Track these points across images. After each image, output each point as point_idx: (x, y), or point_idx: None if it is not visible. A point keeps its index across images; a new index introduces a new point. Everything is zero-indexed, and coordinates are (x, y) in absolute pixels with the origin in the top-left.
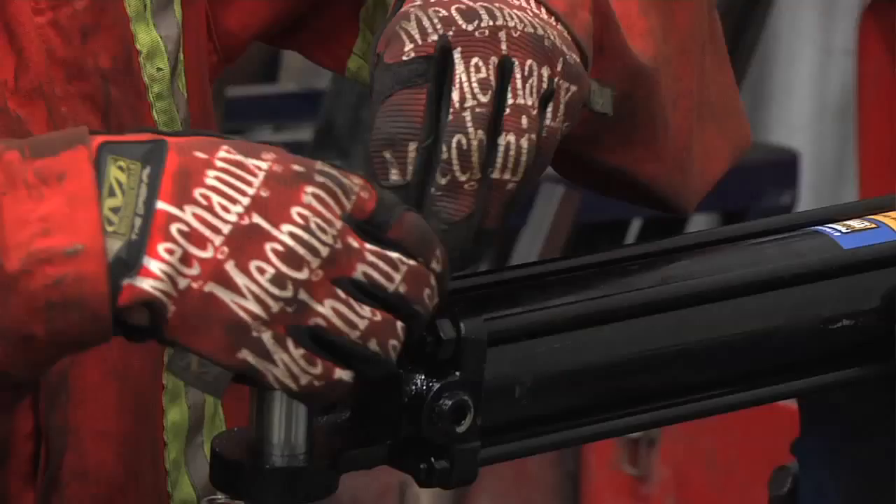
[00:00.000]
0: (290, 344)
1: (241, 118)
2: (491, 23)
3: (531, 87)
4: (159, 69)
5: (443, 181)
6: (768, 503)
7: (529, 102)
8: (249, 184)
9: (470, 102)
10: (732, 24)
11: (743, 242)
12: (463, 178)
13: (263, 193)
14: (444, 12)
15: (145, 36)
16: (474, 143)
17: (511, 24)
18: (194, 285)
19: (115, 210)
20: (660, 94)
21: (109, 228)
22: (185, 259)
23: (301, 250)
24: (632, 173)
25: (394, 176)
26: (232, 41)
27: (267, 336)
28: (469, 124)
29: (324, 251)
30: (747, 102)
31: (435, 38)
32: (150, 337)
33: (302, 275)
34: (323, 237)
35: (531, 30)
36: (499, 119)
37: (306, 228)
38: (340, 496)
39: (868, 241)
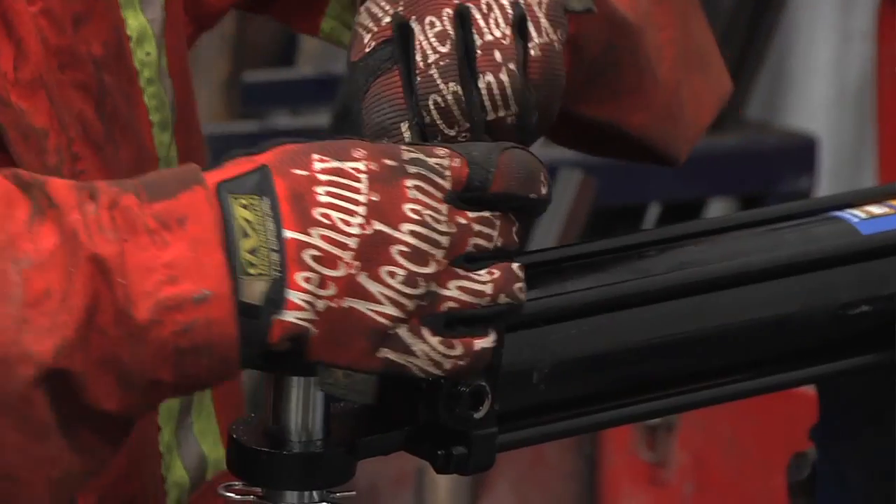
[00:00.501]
0: (426, 334)
1: (259, 103)
2: None
3: (495, 20)
4: (148, 53)
5: (436, 143)
6: (787, 489)
7: (499, 34)
8: (357, 190)
9: (432, 58)
10: (751, 9)
11: (761, 228)
12: (452, 132)
13: (374, 198)
14: None
15: (134, 21)
16: (449, 97)
17: None
18: (333, 305)
19: (252, 251)
20: (643, 43)
21: (252, 271)
22: (322, 283)
23: (425, 246)
24: (621, 125)
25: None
26: (209, 10)
27: (404, 331)
28: (438, 80)
29: (443, 241)
30: (766, 86)
31: (387, 19)
32: (294, 362)
33: (429, 269)
34: (439, 227)
35: None
36: (472, 64)
37: (423, 223)
38: (357, 482)
39: (887, 226)
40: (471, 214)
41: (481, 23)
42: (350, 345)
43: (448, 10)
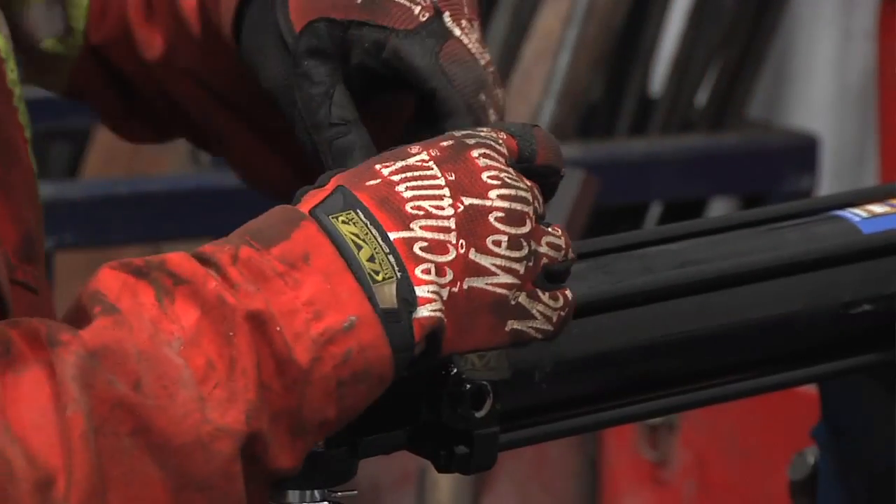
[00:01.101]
0: (539, 294)
1: None
2: None
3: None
4: (13, 70)
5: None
6: (788, 488)
7: (489, 58)
8: (433, 177)
9: (484, 61)
10: (753, 8)
11: (762, 227)
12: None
13: (451, 177)
14: None
15: (1, 41)
16: (501, 101)
17: None
18: (454, 290)
19: (371, 259)
20: None
21: (379, 278)
22: (439, 271)
23: (517, 206)
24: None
25: (492, 116)
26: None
27: (523, 297)
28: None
29: (528, 195)
30: (768, 86)
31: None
32: (430, 360)
33: (527, 228)
34: (518, 184)
35: None
36: None
37: (505, 185)
38: (359, 482)
39: (888, 225)
40: (528, 181)
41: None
42: (478, 326)
43: (474, 22)
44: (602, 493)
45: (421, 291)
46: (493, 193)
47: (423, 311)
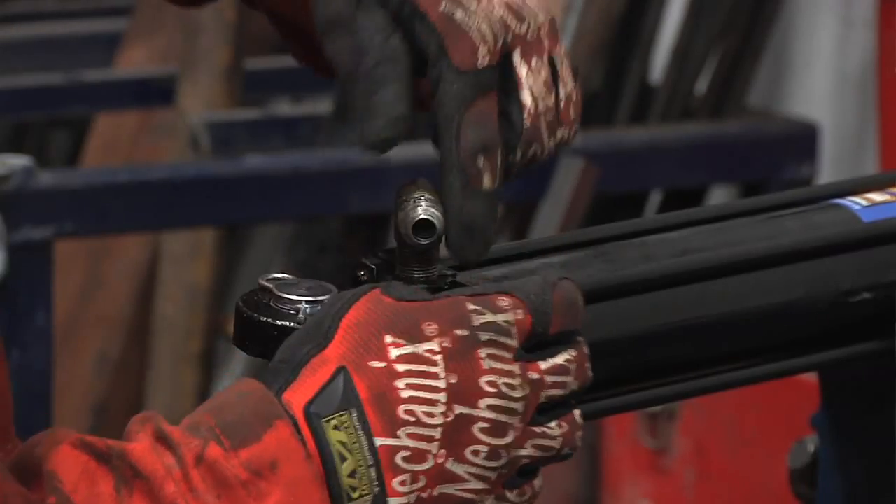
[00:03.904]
0: (507, 494)
1: (261, 90)
2: (534, 23)
3: (568, 72)
4: None
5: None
6: (788, 476)
7: (570, 88)
8: (435, 376)
9: (542, 106)
10: None
11: (762, 215)
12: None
13: (452, 380)
14: (499, 11)
15: None
16: (547, 151)
17: (541, 18)
18: (424, 495)
19: (352, 474)
20: None
21: (355, 495)
22: (415, 478)
23: (503, 418)
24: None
25: (487, 182)
26: None
27: (490, 501)
28: (544, 133)
29: (519, 407)
30: (767, 74)
31: (500, 45)
32: None
33: (509, 438)
34: (514, 394)
35: (548, 18)
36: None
37: (500, 395)
38: None
39: (888, 213)
40: (543, 366)
41: (564, 74)
42: None
43: (545, 58)
44: (602, 481)
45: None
46: (483, 402)
47: None
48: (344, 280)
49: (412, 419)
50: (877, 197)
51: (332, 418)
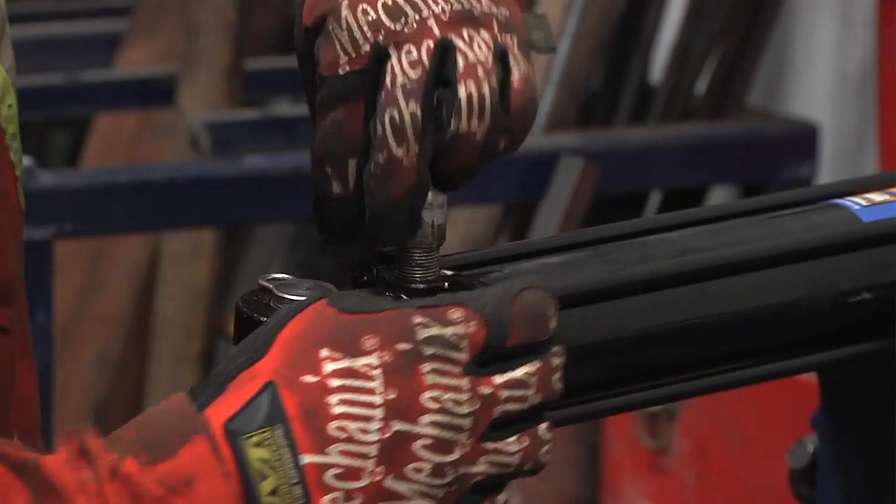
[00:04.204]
0: None
1: (260, 90)
2: (417, 17)
3: (479, 46)
4: (10, 106)
5: (380, 158)
6: (788, 476)
7: (482, 58)
8: (372, 392)
9: (401, 80)
10: None
11: (762, 215)
12: (399, 152)
13: (391, 396)
14: (372, 14)
15: (2, 73)
16: (406, 116)
17: (437, 9)
18: None
19: (273, 492)
20: None
21: None
22: (348, 496)
23: (448, 434)
24: None
25: (336, 189)
26: None
27: None
28: (401, 99)
29: (466, 423)
30: (767, 74)
31: (367, 48)
32: None
33: (455, 455)
34: (460, 410)
35: (458, 6)
36: (446, 89)
37: (443, 410)
38: None
39: (888, 213)
40: (498, 380)
41: (464, 48)
42: None
43: (429, 42)
44: (601, 481)
45: None
46: (425, 419)
47: None
48: (344, 280)
49: (344, 436)
50: (876, 197)
51: (254, 435)
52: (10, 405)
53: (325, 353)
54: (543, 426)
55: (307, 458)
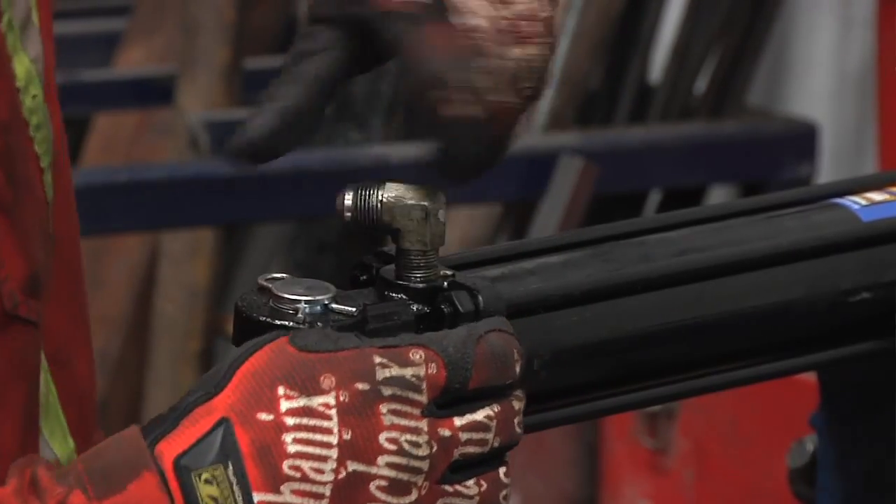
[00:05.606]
0: None
1: (260, 89)
2: None
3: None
4: (34, 97)
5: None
6: (787, 475)
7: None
8: (328, 431)
9: (475, 23)
10: None
11: (762, 215)
12: (476, 110)
13: (347, 436)
14: None
15: (21, 67)
16: (511, 63)
17: None
18: None
19: None
20: None
21: None
22: None
23: (404, 476)
24: None
25: (472, 111)
26: None
27: None
28: (498, 46)
29: (424, 465)
30: (767, 73)
31: None
32: None
33: (412, 497)
34: (418, 452)
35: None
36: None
37: (400, 452)
38: None
39: (888, 213)
40: (458, 422)
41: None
42: None
43: None
44: (601, 481)
45: None
46: (382, 460)
47: None
48: (343, 280)
49: (298, 475)
50: (876, 196)
51: (204, 471)
52: (37, 404)
53: (281, 390)
54: (502, 470)
55: (259, 497)
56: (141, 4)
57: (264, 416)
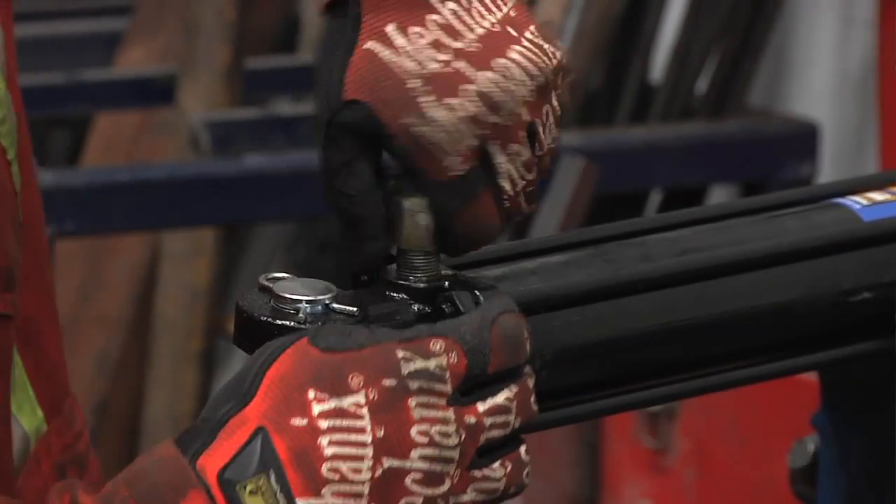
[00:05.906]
0: None
1: (261, 89)
2: (511, 102)
3: (550, 127)
4: None
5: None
6: (788, 475)
7: (550, 142)
8: (362, 430)
9: (520, 185)
10: None
11: (763, 214)
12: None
13: (380, 434)
14: (469, 107)
15: None
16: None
17: (523, 91)
18: None
19: None
20: None
21: None
22: None
23: (437, 467)
24: None
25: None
26: None
27: None
28: (524, 205)
29: (454, 454)
30: (768, 73)
31: (467, 142)
32: None
33: (445, 486)
34: (448, 441)
35: (535, 79)
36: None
37: (432, 444)
38: None
39: (888, 213)
40: (481, 408)
41: (542, 137)
42: None
43: (522, 133)
44: (602, 480)
45: None
46: (415, 453)
47: None
48: (344, 280)
49: (337, 477)
50: (877, 196)
51: (249, 483)
52: (9, 391)
53: (311, 394)
54: (523, 448)
55: (302, 502)
56: (142, 4)
57: (298, 422)
